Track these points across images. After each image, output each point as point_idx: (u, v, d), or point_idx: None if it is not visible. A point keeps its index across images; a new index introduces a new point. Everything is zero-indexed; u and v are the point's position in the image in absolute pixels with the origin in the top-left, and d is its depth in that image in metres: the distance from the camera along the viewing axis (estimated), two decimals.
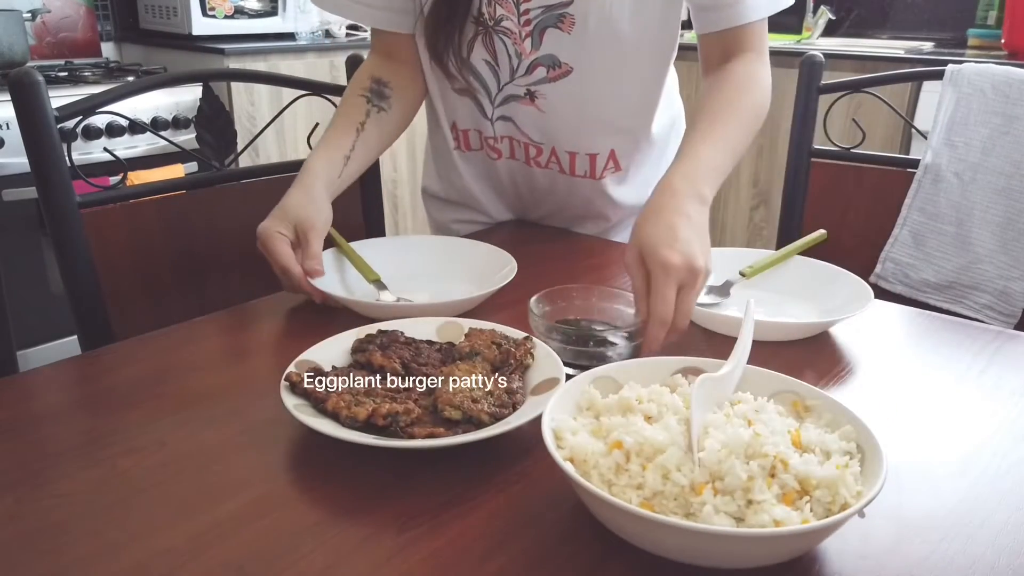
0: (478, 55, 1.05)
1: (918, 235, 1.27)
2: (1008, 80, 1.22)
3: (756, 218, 2.92)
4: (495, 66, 1.05)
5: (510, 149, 1.15)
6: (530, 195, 1.22)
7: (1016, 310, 1.20)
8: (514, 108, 1.09)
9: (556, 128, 1.09)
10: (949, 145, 1.25)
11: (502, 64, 1.05)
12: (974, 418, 0.71)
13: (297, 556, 0.52)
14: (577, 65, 1.03)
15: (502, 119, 1.11)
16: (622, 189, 1.19)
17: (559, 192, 1.19)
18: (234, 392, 0.74)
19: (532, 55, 1.03)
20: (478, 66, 1.06)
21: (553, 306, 0.82)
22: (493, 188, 1.24)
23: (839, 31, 3.26)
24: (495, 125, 1.12)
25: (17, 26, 2.36)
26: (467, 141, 1.17)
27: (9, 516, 0.57)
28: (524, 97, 1.07)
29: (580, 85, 1.04)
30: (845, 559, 0.53)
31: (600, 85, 1.05)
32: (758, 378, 0.64)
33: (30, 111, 0.94)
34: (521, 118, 1.10)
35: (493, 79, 1.07)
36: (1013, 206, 1.19)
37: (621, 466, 0.54)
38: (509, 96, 1.08)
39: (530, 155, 1.14)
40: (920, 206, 1.27)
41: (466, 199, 1.26)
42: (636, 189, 1.20)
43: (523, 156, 1.15)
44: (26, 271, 2.09)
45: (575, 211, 1.22)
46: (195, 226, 1.15)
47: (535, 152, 1.13)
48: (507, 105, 1.09)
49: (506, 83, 1.07)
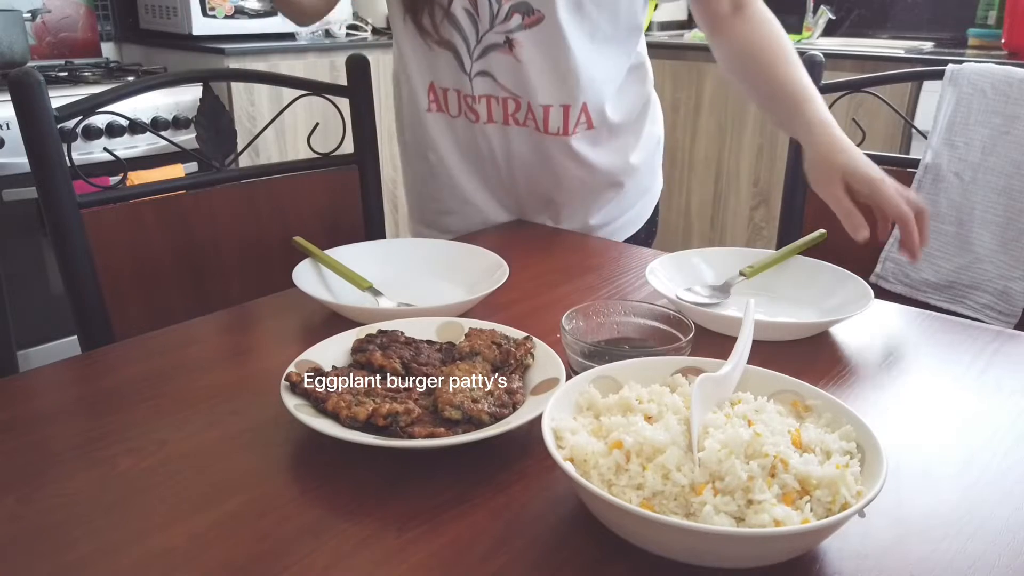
0: (459, 3, 1.08)
1: None
2: (1008, 80, 1.22)
3: (756, 218, 2.92)
4: (475, 14, 1.09)
5: (488, 110, 1.17)
6: (506, 165, 1.21)
7: (1016, 310, 1.20)
8: (493, 60, 1.11)
9: (531, 78, 1.12)
10: (949, 145, 1.25)
11: (482, 11, 1.08)
12: (974, 418, 0.71)
13: (297, 556, 0.53)
14: (547, 11, 1.07)
15: (481, 75, 1.13)
16: (596, 152, 1.20)
17: (535, 158, 1.20)
18: (234, 392, 0.74)
19: (509, 1, 1.06)
20: (458, 15, 1.09)
21: (586, 323, 0.79)
22: (471, 162, 1.23)
23: (839, 31, 3.26)
24: (474, 82, 1.14)
25: (17, 26, 2.36)
26: (447, 103, 1.18)
27: (9, 516, 0.57)
28: (503, 45, 1.10)
29: (550, 33, 1.08)
30: (845, 559, 0.53)
31: (568, 34, 1.08)
32: (758, 378, 0.64)
33: (30, 111, 0.94)
34: (500, 71, 1.12)
35: (472, 29, 1.10)
36: (1013, 206, 1.19)
37: (621, 466, 0.54)
38: (489, 46, 1.11)
39: (508, 111, 1.16)
40: None
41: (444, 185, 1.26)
42: (611, 154, 1.22)
43: (501, 115, 1.16)
44: (26, 271, 2.09)
45: (552, 182, 1.22)
46: (195, 226, 1.15)
47: (513, 107, 1.15)
48: (486, 58, 1.12)
49: (485, 32, 1.10)
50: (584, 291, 0.99)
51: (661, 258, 1.01)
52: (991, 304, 1.22)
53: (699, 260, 1.01)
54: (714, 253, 1.03)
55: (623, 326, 0.80)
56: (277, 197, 1.23)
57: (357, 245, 1.05)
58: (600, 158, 1.21)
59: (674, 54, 2.93)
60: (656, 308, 0.80)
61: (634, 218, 1.33)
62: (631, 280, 1.02)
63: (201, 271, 1.15)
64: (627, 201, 1.29)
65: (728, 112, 2.85)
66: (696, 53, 2.87)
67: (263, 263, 1.21)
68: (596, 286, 1.01)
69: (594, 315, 0.79)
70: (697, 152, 2.97)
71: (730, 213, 2.96)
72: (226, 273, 1.18)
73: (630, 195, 1.29)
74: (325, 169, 1.27)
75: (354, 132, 1.30)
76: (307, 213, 1.25)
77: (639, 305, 0.80)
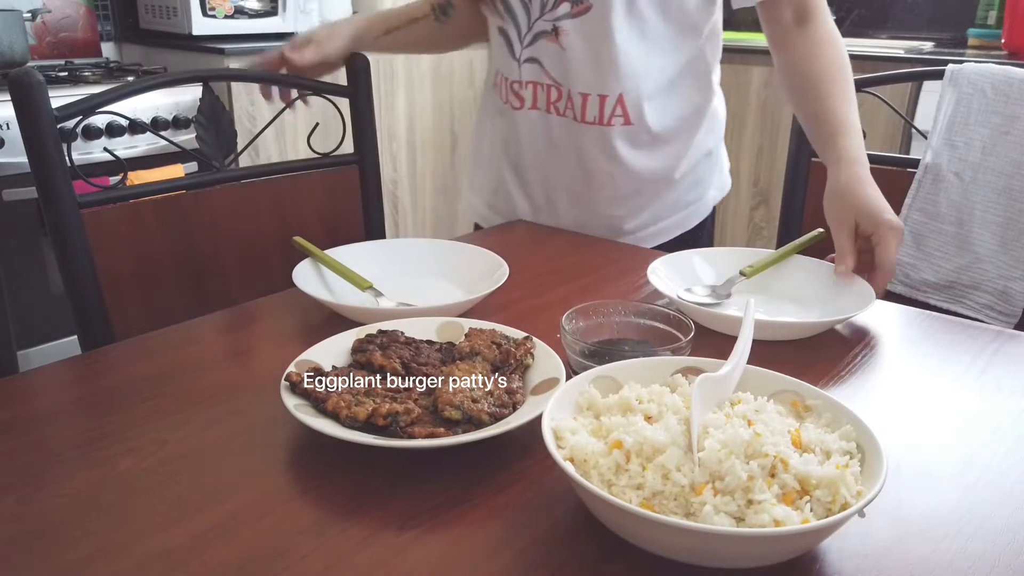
0: None
1: (918, 235, 1.27)
2: (1008, 80, 1.22)
3: (756, 218, 2.92)
4: (528, 2, 1.13)
5: (533, 96, 1.19)
6: (547, 153, 1.22)
7: (1016, 310, 1.20)
8: (541, 47, 1.15)
9: (573, 66, 1.14)
10: (949, 145, 1.25)
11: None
12: (974, 418, 0.71)
13: (297, 556, 0.53)
14: (597, 2, 1.09)
15: (529, 61, 1.17)
16: (635, 153, 1.19)
17: (572, 149, 1.20)
18: (234, 392, 0.74)
19: None
20: (512, 2, 1.13)
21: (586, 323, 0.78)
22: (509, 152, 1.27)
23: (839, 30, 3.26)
24: (522, 68, 1.18)
25: (17, 26, 2.36)
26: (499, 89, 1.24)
27: (10, 516, 0.57)
28: (551, 33, 1.13)
29: (596, 23, 1.10)
30: (845, 559, 0.53)
31: (614, 26, 1.10)
32: (758, 378, 0.64)
33: (30, 111, 0.94)
34: (546, 58, 1.15)
35: (524, 16, 1.14)
36: (1013, 206, 1.19)
37: (621, 466, 0.54)
38: (538, 34, 1.14)
39: (551, 99, 1.18)
40: (920, 206, 1.27)
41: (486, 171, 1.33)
42: (651, 158, 1.20)
43: (544, 102, 1.19)
44: (26, 271, 2.09)
45: (582, 176, 1.21)
46: (195, 226, 1.15)
47: (555, 96, 1.17)
48: (535, 45, 1.15)
49: (536, 19, 1.13)
50: (584, 291, 0.99)
51: (661, 258, 1.01)
52: (991, 304, 1.22)
53: (699, 260, 1.02)
54: (714, 253, 1.03)
55: (623, 326, 0.80)
56: (277, 197, 1.23)
57: (357, 245, 1.05)
58: (637, 160, 1.19)
59: None
60: (656, 308, 0.79)
61: (670, 227, 1.28)
62: (631, 280, 1.02)
63: (201, 271, 1.15)
64: (663, 210, 1.26)
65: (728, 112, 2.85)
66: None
67: (263, 263, 1.21)
68: (596, 286, 1.01)
69: (594, 315, 0.79)
70: None
71: (730, 213, 2.96)
72: (226, 273, 1.18)
73: (668, 205, 1.25)
74: (325, 169, 1.27)
75: (354, 132, 1.30)
76: (307, 213, 1.25)
77: (639, 305, 0.80)
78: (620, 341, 0.79)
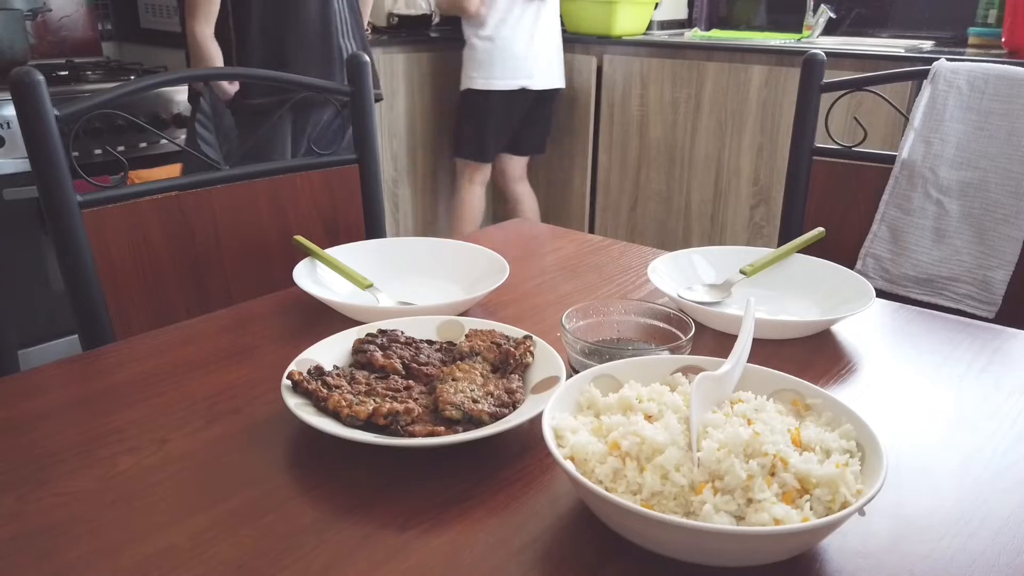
0: None
1: (896, 230, 1.28)
2: (985, 76, 1.22)
3: (756, 217, 2.92)
4: None
5: None
6: None
7: (996, 298, 1.20)
8: None
9: None
10: (924, 141, 1.26)
11: None
12: (974, 417, 0.71)
13: (297, 555, 0.53)
14: None
15: None
16: None
17: None
18: (234, 392, 0.74)
19: None
20: None
21: (586, 322, 0.78)
22: None
23: (839, 30, 3.26)
24: None
25: (17, 25, 2.36)
26: None
27: (10, 515, 0.57)
28: None
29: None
30: (845, 557, 0.53)
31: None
32: (758, 377, 0.64)
33: (30, 110, 0.94)
34: None
35: None
36: (988, 197, 1.20)
37: (619, 470, 0.54)
38: None
39: None
40: (897, 202, 1.28)
41: None
42: None
43: None
44: (26, 271, 2.09)
45: None
46: (195, 226, 1.15)
47: None
48: None
49: None
50: (584, 290, 0.99)
51: (662, 257, 1.01)
52: (971, 294, 1.22)
53: (699, 259, 1.02)
54: (714, 252, 1.03)
55: (623, 325, 0.80)
56: (277, 197, 1.23)
57: (357, 244, 1.05)
58: None
59: (674, 53, 2.92)
60: (656, 307, 0.80)
61: None
62: (631, 279, 1.02)
63: (202, 270, 1.15)
64: None
65: (728, 111, 2.85)
66: (696, 52, 2.87)
67: (263, 262, 1.21)
68: (596, 285, 1.01)
69: (594, 314, 0.79)
70: (697, 151, 2.97)
71: (730, 212, 2.96)
72: (226, 272, 1.18)
73: None
74: (325, 168, 1.27)
75: (354, 132, 1.30)
76: (307, 212, 1.25)
77: (639, 304, 0.80)
78: (620, 340, 0.79)
